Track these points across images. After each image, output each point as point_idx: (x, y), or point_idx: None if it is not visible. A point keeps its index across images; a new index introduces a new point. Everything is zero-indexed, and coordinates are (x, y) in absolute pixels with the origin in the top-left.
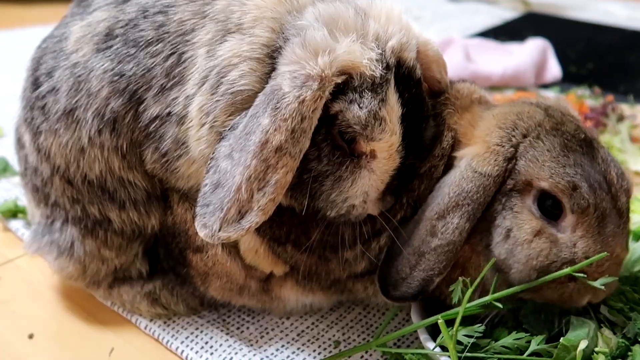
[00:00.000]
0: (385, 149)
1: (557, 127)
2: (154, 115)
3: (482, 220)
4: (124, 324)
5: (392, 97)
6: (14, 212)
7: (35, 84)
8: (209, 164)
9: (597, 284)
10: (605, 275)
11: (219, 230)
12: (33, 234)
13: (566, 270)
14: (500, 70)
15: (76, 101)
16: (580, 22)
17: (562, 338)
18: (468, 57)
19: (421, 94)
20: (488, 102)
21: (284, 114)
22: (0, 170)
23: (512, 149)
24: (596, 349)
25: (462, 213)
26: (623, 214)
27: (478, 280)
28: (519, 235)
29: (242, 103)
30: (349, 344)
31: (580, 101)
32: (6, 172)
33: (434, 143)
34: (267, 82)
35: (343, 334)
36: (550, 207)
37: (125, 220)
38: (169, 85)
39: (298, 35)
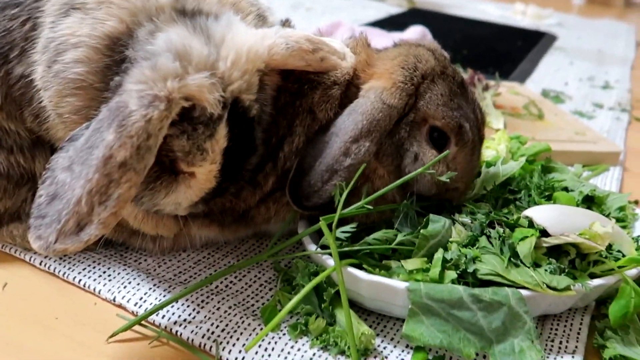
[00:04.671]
0: (204, 173)
1: (444, 71)
2: (19, 74)
3: (391, 144)
4: (19, 263)
5: (221, 131)
6: None
7: None
8: (45, 174)
9: (444, 177)
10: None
11: (55, 242)
12: None
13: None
14: None
15: None
16: (458, 17)
17: (421, 229)
18: None
19: (252, 130)
20: (373, 47)
21: (130, 131)
22: None
23: (413, 87)
24: (450, 239)
25: (372, 138)
26: (482, 142)
27: (351, 184)
28: (425, 160)
29: (74, 90)
30: None
31: None
32: None
33: (259, 168)
34: (102, 78)
35: (238, 261)
36: (437, 139)
37: (13, 163)
38: (27, 47)
39: (148, 59)
